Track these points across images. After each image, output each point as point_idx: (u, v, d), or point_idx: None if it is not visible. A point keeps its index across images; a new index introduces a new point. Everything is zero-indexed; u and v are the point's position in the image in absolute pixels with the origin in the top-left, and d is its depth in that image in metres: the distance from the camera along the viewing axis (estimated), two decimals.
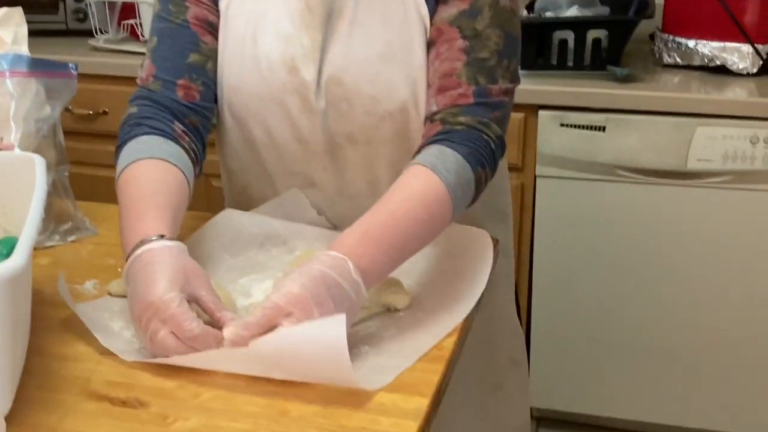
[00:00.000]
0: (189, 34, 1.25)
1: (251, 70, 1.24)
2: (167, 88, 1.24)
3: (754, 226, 2.09)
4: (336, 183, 1.30)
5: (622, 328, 2.25)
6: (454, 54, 1.18)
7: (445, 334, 1.05)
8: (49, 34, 2.56)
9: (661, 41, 2.28)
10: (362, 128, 1.24)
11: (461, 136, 1.16)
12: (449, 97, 1.18)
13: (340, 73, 1.21)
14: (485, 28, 1.18)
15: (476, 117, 1.17)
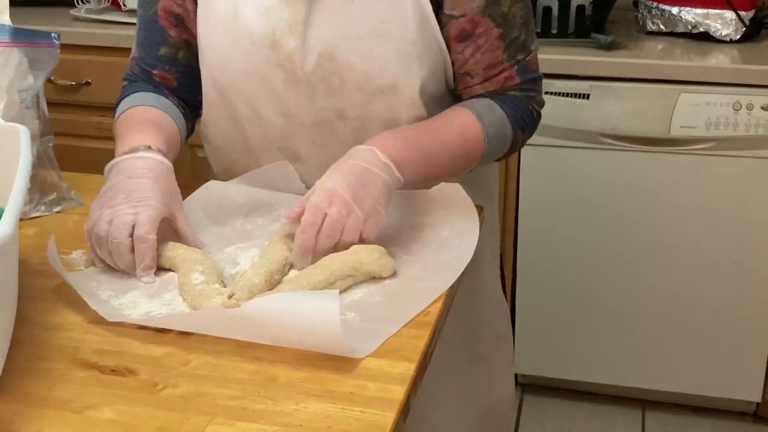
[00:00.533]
0: (158, 28, 1.32)
1: (233, 46, 1.25)
2: (146, 74, 1.35)
3: (736, 192, 2.11)
4: (323, 157, 1.30)
5: (605, 296, 2.27)
6: (494, 44, 1.24)
7: (431, 300, 1.05)
8: (29, 4, 2.54)
9: (645, 8, 2.28)
10: (353, 104, 1.25)
11: (511, 101, 1.27)
12: (496, 83, 1.27)
13: (332, 48, 1.21)
14: (510, 8, 1.23)
15: (524, 92, 1.28)
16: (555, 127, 2.13)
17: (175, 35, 1.32)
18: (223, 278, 1.10)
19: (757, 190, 2.09)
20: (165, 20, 1.31)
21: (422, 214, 1.20)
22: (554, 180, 2.21)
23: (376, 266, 1.09)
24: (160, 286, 1.09)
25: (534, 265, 2.30)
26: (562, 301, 2.31)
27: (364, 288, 1.09)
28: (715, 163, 2.09)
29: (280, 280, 1.10)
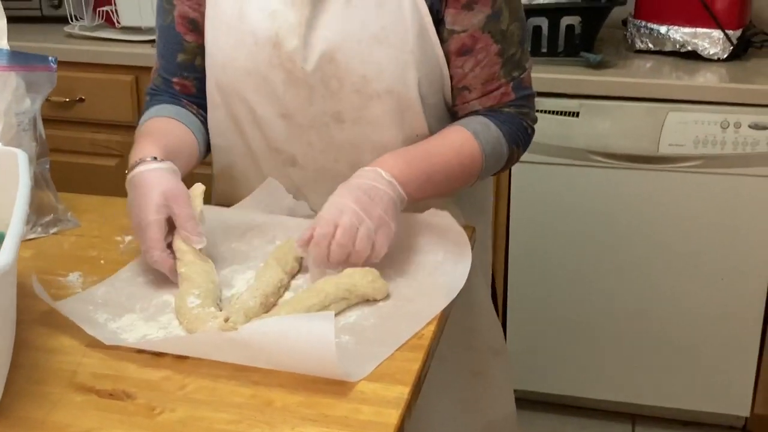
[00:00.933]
0: (175, 35, 1.36)
1: (238, 47, 1.29)
2: (167, 85, 1.39)
3: (724, 209, 2.13)
4: (319, 161, 1.33)
5: (595, 311, 2.29)
6: (492, 60, 1.29)
7: (424, 323, 1.07)
8: (23, 21, 2.55)
9: (634, 27, 2.31)
10: (350, 108, 1.28)
11: (506, 117, 1.32)
12: (493, 99, 1.31)
13: (333, 50, 1.25)
14: (508, 26, 1.28)
15: (518, 108, 1.33)
16: (545, 144, 2.15)
17: (191, 40, 1.36)
18: (220, 301, 1.11)
19: (744, 208, 2.11)
20: (181, 26, 1.36)
21: (415, 236, 1.22)
22: (544, 196, 2.23)
23: (370, 289, 1.11)
24: (156, 310, 1.10)
25: (525, 281, 2.32)
26: (552, 316, 2.33)
27: (357, 310, 1.10)
28: (703, 181, 2.12)
29: (276, 302, 1.12)
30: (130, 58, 2.37)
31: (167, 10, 1.36)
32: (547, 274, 2.29)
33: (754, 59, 2.26)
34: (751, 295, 2.18)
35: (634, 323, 2.28)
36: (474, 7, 1.26)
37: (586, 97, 2.12)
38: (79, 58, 2.38)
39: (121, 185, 2.55)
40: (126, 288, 1.14)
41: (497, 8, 1.27)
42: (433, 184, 1.24)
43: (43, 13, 2.60)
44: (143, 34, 2.43)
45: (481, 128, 1.28)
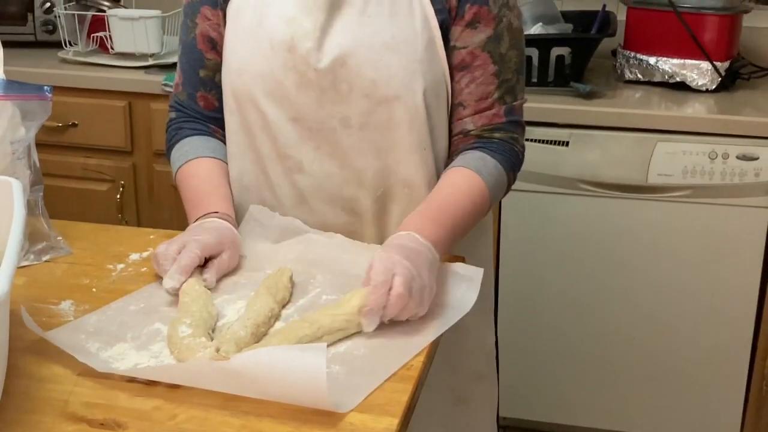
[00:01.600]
0: (197, 52, 1.43)
1: (255, 52, 1.34)
2: (191, 98, 1.45)
3: (713, 239, 2.15)
4: (325, 167, 1.37)
5: (584, 339, 2.30)
6: (488, 79, 1.35)
7: (414, 353, 1.08)
8: (18, 46, 2.57)
9: (623, 58, 2.34)
10: (358, 112, 1.32)
11: (497, 147, 1.36)
12: (485, 118, 1.37)
13: (345, 55, 1.30)
14: (507, 51, 1.36)
15: (508, 133, 1.38)
16: (535, 173, 2.17)
17: (211, 58, 1.42)
18: (212, 331, 1.12)
19: (733, 238, 2.13)
20: (202, 44, 1.42)
21: None
22: (534, 225, 2.24)
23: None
24: (148, 338, 1.10)
25: (514, 308, 2.32)
26: (541, 343, 2.33)
27: (348, 340, 1.11)
28: (691, 211, 2.14)
29: (266, 332, 1.12)
30: (123, 84, 2.38)
31: (190, 27, 1.43)
32: (536, 302, 2.30)
33: (742, 90, 2.29)
34: (739, 324, 2.20)
35: (622, 351, 2.29)
36: (477, 26, 1.33)
37: (576, 127, 2.15)
38: (73, 84, 2.40)
39: (111, 210, 2.57)
40: (117, 317, 1.15)
41: (499, 31, 1.34)
42: (457, 236, 1.29)
43: (38, 38, 2.61)
44: (136, 60, 2.45)
45: (482, 164, 1.34)
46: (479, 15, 1.33)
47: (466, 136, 1.38)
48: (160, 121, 2.37)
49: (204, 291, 1.17)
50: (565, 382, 2.35)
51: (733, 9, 2.26)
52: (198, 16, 1.41)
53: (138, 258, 1.34)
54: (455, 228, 1.28)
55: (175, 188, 2.37)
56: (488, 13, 1.33)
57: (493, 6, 1.33)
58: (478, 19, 1.33)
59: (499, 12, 1.34)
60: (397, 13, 1.31)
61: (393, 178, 1.36)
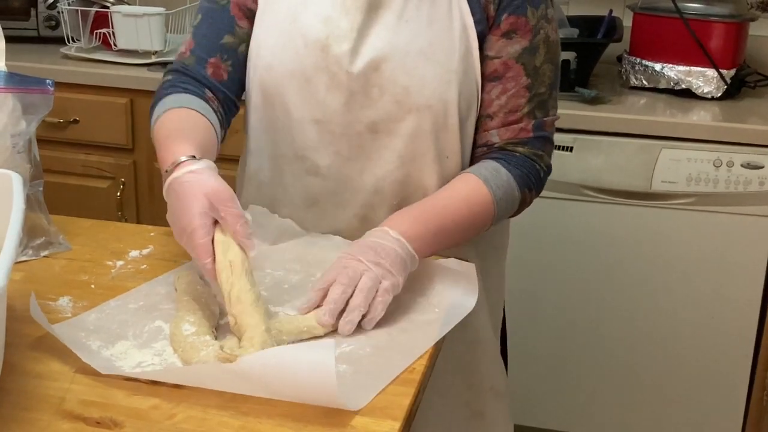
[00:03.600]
0: (228, 17, 1.36)
1: (287, 48, 1.31)
2: (199, 64, 1.35)
3: (716, 247, 2.14)
4: (343, 172, 1.34)
5: (585, 345, 2.29)
6: (519, 91, 1.30)
7: (417, 355, 1.07)
8: (20, 41, 2.55)
9: (629, 64, 2.33)
10: (387, 119, 1.30)
11: (517, 161, 1.31)
12: (512, 131, 1.32)
13: (380, 59, 1.27)
14: (542, 64, 1.31)
15: (533, 149, 1.32)
16: None
17: (244, 26, 1.36)
18: (216, 329, 1.10)
19: (736, 246, 2.12)
20: (237, 10, 1.36)
21: (423, 280, 1.22)
22: (537, 230, 2.23)
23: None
24: (150, 336, 1.09)
25: (517, 315, 2.30)
26: (541, 348, 2.32)
27: (353, 339, 1.10)
28: (695, 219, 2.12)
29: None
30: (125, 81, 2.37)
31: None
32: (539, 308, 2.28)
33: (748, 99, 2.28)
34: (742, 333, 2.19)
35: (624, 358, 2.27)
36: (513, 36, 1.29)
37: (581, 132, 2.13)
38: (75, 80, 2.38)
39: (111, 208, 2.55)
40: (117, 315, 1.13)
41: (535, 43, 1.30)
42: (444, 237, 1.24)
43: (41, 33, 2.60)
44: (139, 57, 2.44)
45: (492, 175, 1.29)
46: (516, 25, 1.29)
47: (489, 149, 1.33)
48: None
49: (205, 290, 1.16)
50: (568, 390, 2.34)
51: (739, 17, 2.25)
52: None
53: (137, 255, 1.33)
54: (442, 230, 1.24)
55: None
56: (526, 24, 1.29)
57: (532, 17, 1.29)
58: (515, 30, 1.29)
59: (537, 24, 1.29)
60: (436, 20, 1.28)
61: (412, 187, 1.33)
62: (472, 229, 1.29)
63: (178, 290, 1.18)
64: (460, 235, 1.27)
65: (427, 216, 1.23)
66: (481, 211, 1.28)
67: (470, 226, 1.28)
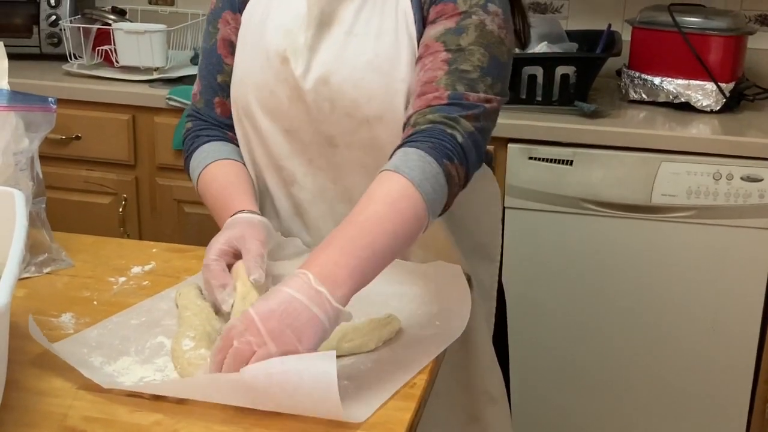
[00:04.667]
0: (216, 57, 1.42)
1: (255, 61, 1.35)
2: (208, 106, 1.44)
3: (716, 260, 2.14)
4: (318, 180, 1.36)
5: (586, 357, 2.29)
6: (437, 65, 1.23)
7: (418, 370, 1.07)
8: (22, 58, 2.57)
9: (628, 77, 2.34)
10: (342, 132, 1.31)
11: (424, 135, 1.17)
12: (425, 100, 1.21)
13: (328, 74, 1.29)
14: (469, 45, 1.23)
15: (444, 114, 1.19)
16: (538, 191, 2.17)
17: (230, 63, 1.41)
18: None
19: (736, 259, 2.12)
20: (222, 48, 1.41)
21: (415, 285, 1.22)
22: (537, 243, 2.23)
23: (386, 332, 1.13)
24: (152, 352, 1.10)
25: (516, 327, 2.30)
26: (542, 361, 2.32)
27: (353, 356, 1.10)
28: (695, 232, 2.13)
29: None
30: (127, 97, 2.38)
31: (212, 33, 1.43)
32: (538, 321, 2.29)
33: (747, 112, 2.28)
34: (743, 345, 2.18)
35: (625, 370, 2.27)
36: (438, 21, 1.27)
37: (580, 146, 2.14)
38: (77, 96, 2.39)
39: (113, 223, 2.56)
40: (119, 331, 1.14)
41: (462, 25, 1.24)
42: (382, 252, 1.07)
43: (43, 50, 2.61)
44: (141, 74, 2.45)
45: (400, 161, 1.14)
46: (442, 12, 1.26)
47: (405, 128, 1.22)
48: (164, 134, 2.38)
49: (206, 305, 1.17)
50: (569, 399, 2.33)
51: (737, 30, 2.25)
52: (220, 21, 1.42)
53: (140, 271, 1.34)
54: (373, 244, 1.06)
55: (178, 202, 2.41)
56: (453, 9, 1.25)
57: (462, 4, 1.25)
58: (440, 15, 1.26)
59: (470, 9, 1.24)
60: (384, 32, 1.29)
61: None
62: (405, 230, 1.10)
63: (180, 306, 1.18)
64: (391, 241, 1.08)
65: (352, 238, 1.06)
66: (406, 206, 1.10)
67: (401, 226, 1.09)
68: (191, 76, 2.37)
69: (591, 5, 2.60)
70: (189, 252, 1.41)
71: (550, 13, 2.63)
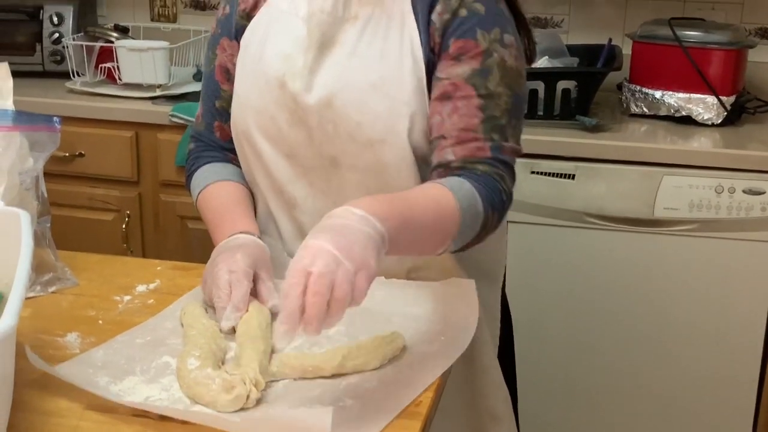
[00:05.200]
0: (214, 83, 1.45)
1: (253, 87, 1.36)
2: (208, 129, 1.47)
3: (719, 274, 2.14)
4: (319, 203, 1.36)
5: (590, 372, 2.28)
6: (471, 110, 1.26)
7: (423, 388, 1.07)
8: (26, 76, 2.57)
9: (629, 91, 2.34)
10: (345, 153, 1.31)
11: (480, 178, 1.25)
12: (468, 149, 1.26)
13: (331, 95, 1.29)
14: (496, 87, 1.27)
15: (494, 168, 1.26)
16: (541, 205, 2.17)
17: (227, 89, 1.43)
18: (223, 363, 1.11)
19: (739, 272, 2.12)
20: (219, 75, 1.44)
21: (417, 304, 1.22)
22: (540, 257, 2.23)
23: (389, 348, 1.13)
24: (157, 372, 1.10)
25: (524, 342, 2.29)
26: (545, 376, 2.32)
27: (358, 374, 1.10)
28: (698, 245, 2.13)
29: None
30: (130, 114, 2.39)
31: (210, 59, 1.45)
32: (541, 335, 2.28)
33: (748, 125, 2.29)
34: (747, 358, 2.18)
35: (628, 384, 2.27)
36: (462, 59, 1.28)
37: (582, 160, 2.14)
38: (80, 114, 2.40)
39: (117, 240, 2.56)
40: (124, 350, 1.14)
41: (487, 66, 1.27)
42: (411, 227, 1.12)
43: (46, 68, 2.62)
44: (144, 91, 2.46)
45: (456, 185, 1.22)
46: (465, 48, 1.27)
47: (446, 169, 1.27)
48: (167, 151, 2.39)
49: (211, 324, 1.17)
50: (575, 414, 2.33)
51: (738, 44, 2.26)
52: (218, 48, 1.43)
53: (145, 290, 1.34)
54: (410, 219, 1.11)
55: (182, 218, 2.42)
56: (475, 47, 1.27)
57: (482, 40, 1.27)
58: (463, 52, 1.27)
59: (490, 47, 1.27)
60: (387, 55, 1.29)
61: None
62: (438, 233, 1.18)
63: (185, 324, 1.19)
64: (427, 234, 1.17)
65: (397, 203, 1.12)
66: (447, 215, 1.18)
67: (435, 226, 1.17)
68: (194, 93, 2.39)
69: (591, 20, 2.61)
70: (193, 270, 1.41)
71: (551, 28, 2.64)
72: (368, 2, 1.31)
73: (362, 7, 1.31)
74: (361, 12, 1.31)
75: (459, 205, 1.19)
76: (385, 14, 1.30)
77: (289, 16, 1.35)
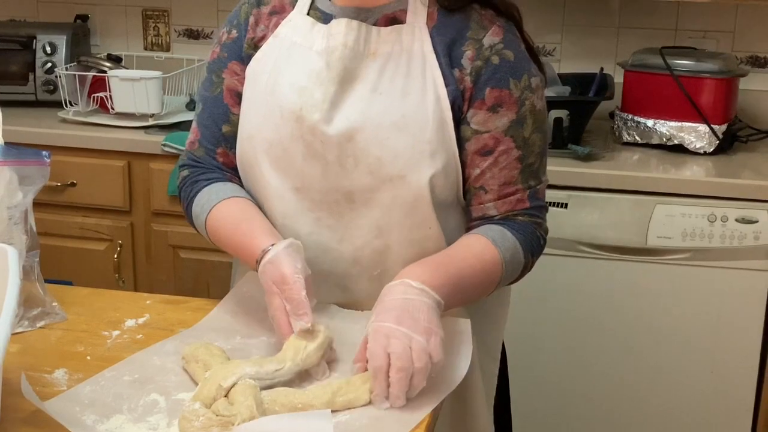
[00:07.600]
0: (222, 106, 1.41)
1: (266, 119, 1.33)
2: (209, 155, 1.42)
3: (712, 302, 2.14)
4: (322, 239, 1.34)
5: (584, 400, 2.27)
6: (511, 163, 1.31)
7: (414, 424, 1.06)
8: (18, 105, 2.58)
9: (621, 120, 2.35)
10: (362, 188, 1.30)
11: (520, 227, 1.33)
12: (509, 204, 1.33)
13: (353, 131, 1.28)
14: (531, 134, 1.32)
15: (532, 218, 1.34)
16: None
17: (237, 113, 1.39)
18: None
19: (732, 300, 2.12)
20: (229, 98, 1.40)
21: None
22: (533, 286, 2.21)
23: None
24: (145, 410, 1.09)
25: (517, 371, 2.28)
26: (541, 404, 2.30)
27: (348, 411, 1.09)
28: (691, 273, 2.13)
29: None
30: (122, 144, 2.39)
31: (215, 83, 1.41)
32: (537, 364, 2.27)
33: (740, 153, 2.30)
34: (741, 387, 2.17)
35: (623, 414, 2.26)
36: (499, 110, 1.29)
37: (575, 189, 2.15)
38: (72, 143, 2.40)
39: (108, 270, 2.55)
40: (112, 387, 1.13)
41: (522, 115, 1.30)
42: (460, 289, 1.24)
43: (38, 97, 2.62)
44: (137, 121, 2.46)
45: (499, 236, 1.30)
46: (500, 99, 1.29)
47: (487, 221, 1.34)
48: (159, 180, 2.38)
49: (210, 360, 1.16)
50: None
51: (729, 72, 2.27)
52: (225, 71, 1.40)
53: (134, 324, 1.33)
54: (459, 281, 1.24)
55: (174, 247, 2.41)
56: (510, 97, 1.29)
57: (515, 89, 1.30)
58: (500, 103, 1.29)
59: (522, 95, 1.30)
60: (410, 92, 1.29)
61: (391, 258, 1.32)
62: (482, 286, 1.29)
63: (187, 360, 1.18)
64: (473, 291, 1.28)
65: (445, 267, 1.23)
66: (491, 270, 1.28)
67: (482, 283, 1.29)
68: (187, 122, 2.38)
69: (583, 48, 2.63)
70: (183, 303, 1.40)
71: (543, 56, 2.65)
72: (388, 40, 1.31)
73: (381, 44, 1.31)
74: (380, 49, 1.30)
75: (502, 258, 1.29)
76: (405, 52, 1.30)
77: (302, 49, 1.33)
